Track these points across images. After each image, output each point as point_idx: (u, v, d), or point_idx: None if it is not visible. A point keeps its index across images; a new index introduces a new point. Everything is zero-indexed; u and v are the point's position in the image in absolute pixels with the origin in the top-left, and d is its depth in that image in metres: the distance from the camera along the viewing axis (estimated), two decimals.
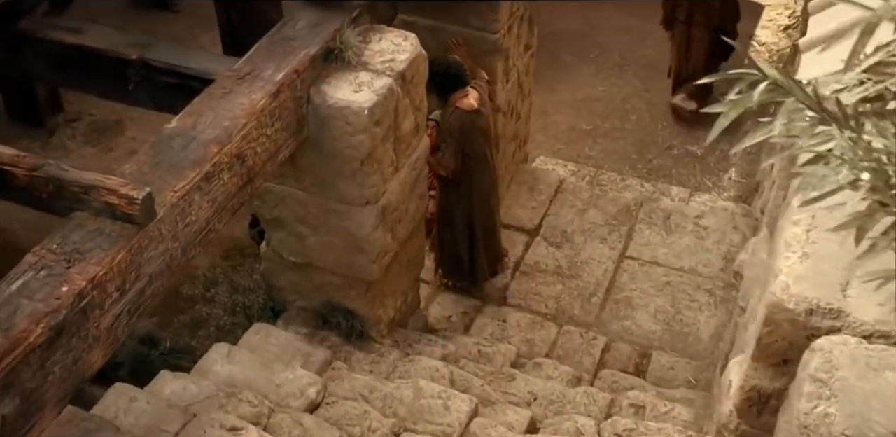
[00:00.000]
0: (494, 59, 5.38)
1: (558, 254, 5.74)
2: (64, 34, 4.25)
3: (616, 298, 5.46)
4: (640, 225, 5.93)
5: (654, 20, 9.11)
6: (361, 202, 4.11)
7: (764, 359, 2.15)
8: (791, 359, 2.07)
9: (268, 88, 3.63)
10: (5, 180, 3.09)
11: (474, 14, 5.20)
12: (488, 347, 4.93)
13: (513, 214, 6.02)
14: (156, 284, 3.14)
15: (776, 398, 2.17)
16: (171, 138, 3.37)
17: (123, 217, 2.97)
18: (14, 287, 2.78)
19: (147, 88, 4.22)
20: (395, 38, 4.17)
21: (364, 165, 3.98)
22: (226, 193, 3.42)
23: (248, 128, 3.47)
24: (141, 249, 3.00)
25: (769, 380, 2.17)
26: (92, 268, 2.84)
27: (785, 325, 2.02)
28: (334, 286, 4.48)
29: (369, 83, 3.91)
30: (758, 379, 2.17)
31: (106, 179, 3.00)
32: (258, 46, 3.89)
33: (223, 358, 3.93)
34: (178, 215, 3.16)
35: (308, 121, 3.92)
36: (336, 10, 4.08)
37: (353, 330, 4.50)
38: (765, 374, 2.17)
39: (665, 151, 7.48)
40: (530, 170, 6.42)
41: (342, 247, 4.26)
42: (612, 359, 5.06)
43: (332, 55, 3.95)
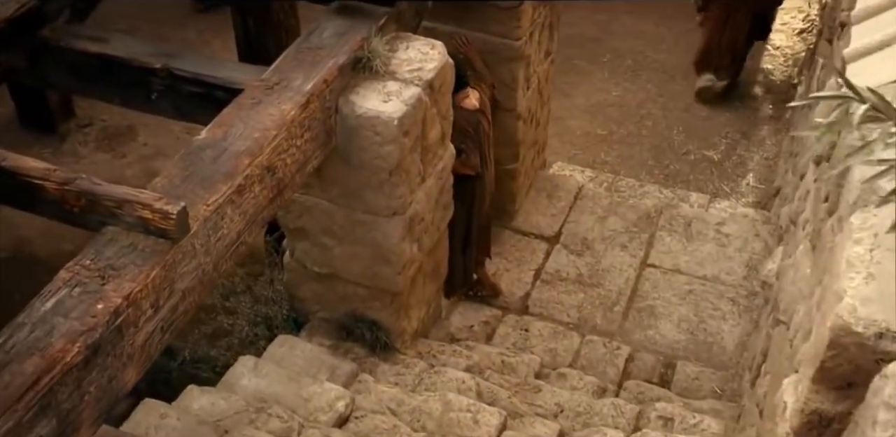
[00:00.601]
0: (516, 66, 5.33)
1: (579, 262, 5.68)
2: (86, 43, 4.20)
3: (639, 307, 5.40)
4: (661, 232, 5.88)
5: (666, 25, 9.10)
6: (388, 213, 4.06)
7: (826, 382, 2.11)
8: (856, 383, 2.02)
9: (297, 98, 3.58)
10: (36, 194, 3.04)
11: (496, 21, 5.15)
12: (512, 357, 4.88)
13: (532, 222, 5.97)
14: (188, 299, 3.09)
15: (838, 422, 2.12)
16: (202, 150, 3.32)
17: (157, 232, 2.92)
18: (49, 305, 2.73)
19: (170, 97, 4.16)
20: (422, 47, 4.12)
21: (392, 176, 3.93)
22: (256, 206, 3.37)
23: (278, 139, 3.42)
24: (174, 264, 2.96)
25: (831, 403, 2.12)
26: (127, 285, 2.79)
27: (851, 348, 1.97)
28: (359, 297, 4.43)
29: (398, 93, 3.86)
30: (819, 402, 2.12)
31: (140, 193, 2.95)
32: (285, 56, 3.84)
33: (250, 371, 3.88)
34: (211, 229, 3.12)
35: (336, 131, 3.87)
36: (362, 18, 4.04)
37: (378, 342, 4.45)
38: (826, 397, 2.12)
39: (682, 157, 7.44)
40: (549, 176, 6.37)
41: (368, 258, 4.22)
42: (637, 369, 5.01)
43: (360, 64, 3.91)
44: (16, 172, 3.04)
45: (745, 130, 7.72)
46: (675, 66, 8.54)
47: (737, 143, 7.60)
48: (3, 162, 3.06)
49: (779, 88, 8.22)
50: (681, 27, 9.02)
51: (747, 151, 7.50)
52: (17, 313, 6.41)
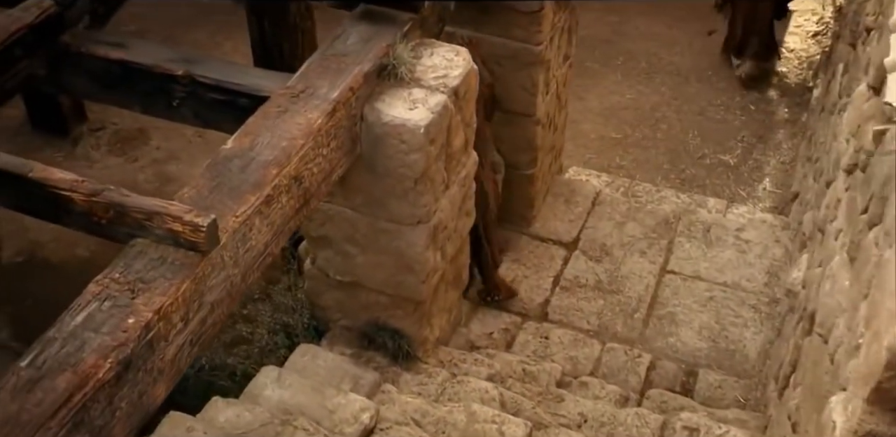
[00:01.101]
0: (536, 70, 5.29)
1: (598, 268, 5.64)
2: (107, 49, 4.15)
3: (659, 314, 5.36)
4: (680, 238, 5.83)
5: (679, 27, 9.06)
6: (413, 221, 4.02)
7: (882, 403, 2.06)
8: None
9: (323, 106, 3.54)
10: (63, 206, 3.00)
11: (517, 25, 5.11)
12: (533, 365, 4.84)
13: (550, 227, 5.93)
14: (217, 312, 3.05)
15: None
16: (229, 160, 3.28)
17: (187, 245, 2.88)
18: (79, 319, 2.69)
19: (192, 104, 4.12)
20: (447, 53, 4.08)
21: (417, 185, 3.89)
22: (283, 216, 3.33)
23: (305, 148, 3.38)
24: (204, 277, 2.92)
25: (887, 425, 2.08)
26: (157, 299, 2.75)
27: None
28: (381, 306, 4.39)
29: (423, 100, 3.82)
30: (874, 424, 2.08)
31: (169, 205, 2.91)
32: (310, 63, 3.80)
33: (273, 382, 3.84)
34: (239, 241, 3.08)
35: (361, 139, 3.83)
36: (387, 24, 4.00)
37: (400, 351, 4.41)
38: (882, 419, 2.08)
39: (697, 161, 7.40)
40: (566, 181, 6.33)
41: (391, 266, 4.17)
42: (658, 377, 4.97)
43: (385, 71, 3.86)
44: (43, 184, 3.00)
45: (761, 133, 7.68)
46: (690, 68, 8.50)
47: (753, 147, 7.55)
48: (30, 173, 3.02)
49: (794, 91, 8.17)
50: (694, 29, 8.98)
51: (763, 155, 7.45)
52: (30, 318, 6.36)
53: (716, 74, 8.41)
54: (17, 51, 3.97)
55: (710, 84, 8.30)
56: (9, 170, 3.05)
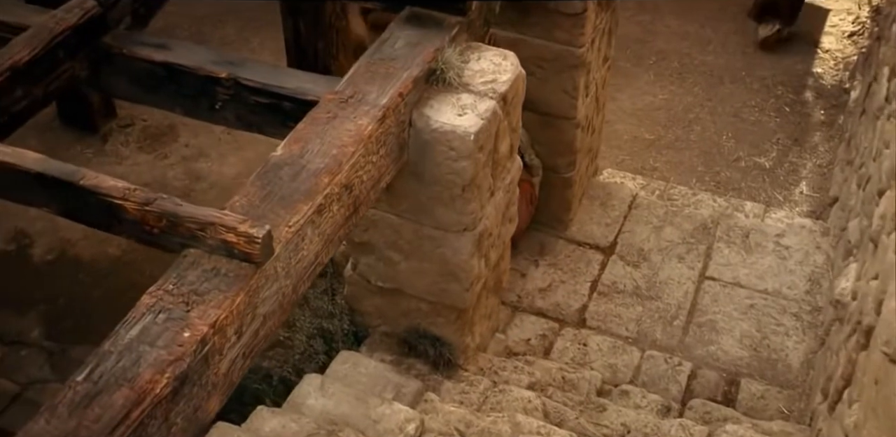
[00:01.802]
0: (577, 73, 5.21)
1: (636, 274, 5.57)
2: (150, 51, 4.10)
3: (699, 321, 5.29)
4: (719, 244, 5.75)
5: (712, 26, 8.95)
6: (459, 229, 3.96)
7: None
8: None
9: (373, 112, 3.48)
10: (115, 215, 2.95)
11: (559, 27, 5.03)
12: (572, 373, 4.78)
13: (586, 231, 5.86)
14: (269, 323, 3.00)
15: None
16: (279, 168, 3.22)
17: (241, 256, 2.82)
18: (134, 332, 2.64)
19: (235, 107, 4.07)
20: (495, 58, 4.01)
21: (465, 192, 3.82)
22: (334, 225, 3.27)
23: (356, 156, 3.32)
24: (258, 289, 2.86)
25: None
26: (212, 311, 2.70)
27: None
28: (422, 313, 4.33)
29: (472, 106, 3.75)
30: None
31: (223, 215, 2.85)
32: (358, 67, 3.73)
33: (316, 390, 3.80)
34: (292, 251, 3.02)
35: (409, 145, 3.77)
36: (434, 27, 3.93)
37: (441, 358, 4.36)
38: None
39: (732, 164, 7.31)
40: (601, 184, 6.25)
41: (435, 274, 4.12)
42: (700, 387, 4.90)
43: (434, 76, 3.80)
44: (94, 192, 2.95)
45: (797, 136, 7.58)
46: (723, 68, 8.39)
47: (788, 149, 7.45)
48: (81, 181, 2.97)
49: (830, 92, 8.06)
50: (727, 28, 8.88)
51: (799, 158, 7.35)
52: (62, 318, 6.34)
53: (749, 75, 8.31)
54: (60, 52, 3.93)
55: (744, 85, 8.20)
56: (59, 177, 3.00)
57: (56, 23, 3.91)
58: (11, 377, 5.89)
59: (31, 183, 3.06)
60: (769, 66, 8.38)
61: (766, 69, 8.36)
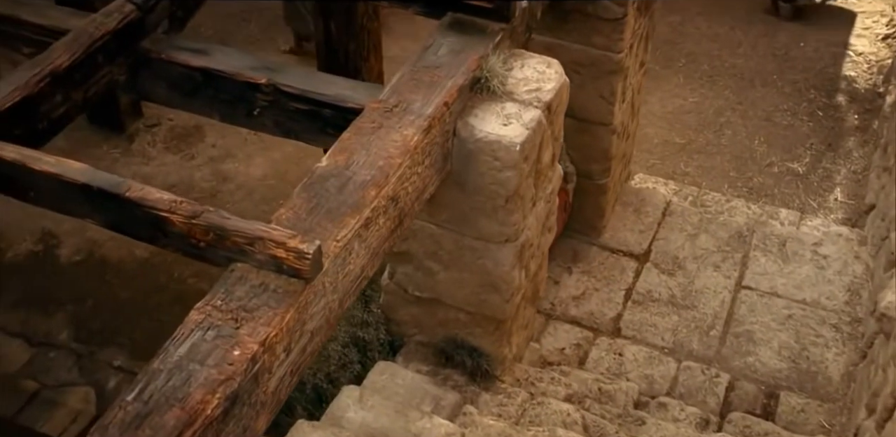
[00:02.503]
0: (615, 79, 5.14)
1: (671, 282, 5.50)
2: (188, 56, 4.05)
3: (736, 331, 5.21)
4: (755, 252, 5.67)
5: (742, 28, 8.85)
6: (500, 240, 3.90)
7: None
8: None
9: (419, 122, 3.41)
10: (161, 227, 2.90)
11: (598, 32, 4.96)
12: (609, 384, 4.71)
13: (620, 238, 5.79)
14: (316, 339, 2.95)
15: None
16: (325, 179, 3.16)
17: (290, 271, 2.77)
18: (183, 350, 2.59)
19: (273, 113, 4.01)
20: (538, 65, 3.94)
21: (508, 203, 3.76)
22: (380, 238, 3.22)
23: (402, 167, 3.26)
24: (307, 305, 2.81)
25: None
26: (262, 329, 2.65)
27: None
28: (460, 323, 4.27)
29: (517, 115, 3.69)
30: None
31: (272, 229, 2.79)
32: (402, 75, 3.67)
33: (355, 403, 3.74)
34: (339, 266, 2.97)
35: (452, 154, 3.70)
36: (477, 34, 3.86)
37: (479, 369, 4.30)
38: None
39: (765, 169, 7.21)
40: (635, 190, 6.17)
41: (475, 285, 4.05)
42: (738, 399, 4.82)
43: (478, 85, 3.73)
44: (140, 204, 2.90)
45: (830, 141, 7.48)
46: (754, 71, 8.30)
47: (822, 155, 7.35)
48: (126, 192, 2.92)
49: (863, 96, 7.95)
50: (757, 30, 8.78)
51: (833, 163, 7.25)
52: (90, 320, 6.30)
53: (780, 78, 8.21)
54: (99, 57, 3.89)
55: (776, 88, 8.10)
56: (104, 188, 2.95)
57: (96, 27, 3.87)
58: (40, 379, 5.86)
59: (75, 194, 3.01)
60: (800, 69, 8.28)
61: (797, 72, 8.26)
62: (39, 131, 3.69)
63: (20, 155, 3.07)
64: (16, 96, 3.52)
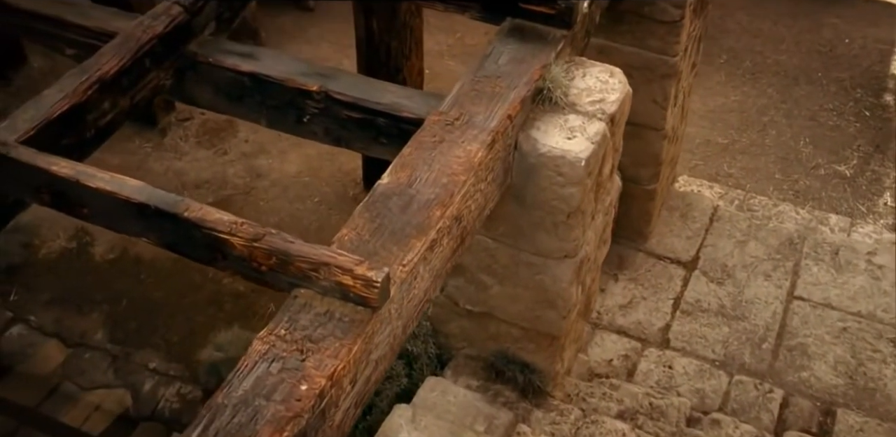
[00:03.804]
0: (669, 83, 4.99)
1: (720, 291, 5.35)
2: (237, 60, 3.92)
3: (789, 344, 5.07)
4: (807, 261, 5.52)
5: (785, 23, 8.64)
6: (559, 256, 3.76)
7: None
8: None
9: (482, 137, 3.27)
10: (221, 249, 2.78)
11: (654, 36, 4.80)
12: (659, 399, 4.58)
13: (667, 244, 5.64)
14: (380, 368, 2.83)
15: None
16: (388, 198, 3.03)
17: (356, 299, 2.65)
18: (248, 384, 2.47)
19: (324, 121, 3.88)
20: (601, 74, 3.79)
21: (570, 218, 3.62)
22: (443, 259, 3.09)
23: (467, 185, 3.13)
24: (373, 334, 2.69)
25: None
26: (329, 361, 2.53)
27: None
28: (512, 338, 4.15)
29: (581, 129, 3.54)
30: None
31: (338, 254, 2.67)
32: (462, 85, 3.52)
33: (408, 423, 3.63)
34: (405, 291, 2.84)
35: (512, 168, 3.57)
36: (539, 42, 3.71)
37: (530, 385, 4.18)
38: None
39: (811, 171, 7.04)
40: (681, 194, 6.02)
41: (530, 300, 3.93)
42: (793, 416, 4.69)
43: (540, 96, 3.59)
44: (199, 225, 2.78)
45: (879, 142, 7.29)
46: (798, 68, 8.10)
47: (870, 157, 7.16)
48: (184, 213, 2.80)
49: None
50: (800, 26, 8.57)
51: (882, 166, 7.07)
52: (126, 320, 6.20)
53: (825, 76, 8.02)
54: (146, 62, 3.76)
55: (821, 86, 7.91)
56: (161, 208, 2.84)
57: (143, 31, 3.75)
58: (75, 380, 5.79)
59: (130, 212, 2.91)
60: (846, 67, 8.08)
61: (842, 70, 8.06)
62: (87, 140, 3.58)
63: (74, 171, 2.96)
64: (64, 105, 3.40)
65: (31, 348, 6.00)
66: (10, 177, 3.08)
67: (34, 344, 6.05)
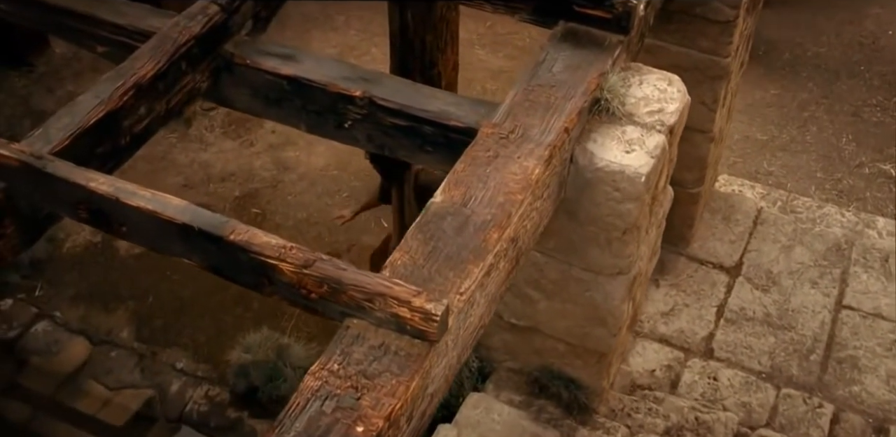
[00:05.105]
0: (719, 84, 4.79)
1: (765, 299, 5.18)
2: (276, 62, 3.75)
3: (839, 356, 4.90)
4: (855, 268, 5.33)
5: (825, 14, 8.38)
6: (612, 272, 3.60)
7: None
8: None
9: (539, 152, 3.10)
10: (269, 275, 2.64)
11: (705, 36, 4.60)
12: (705, 413, 4.44)
13: (709, 248, 5.47)
14: (434, 401, 2.69)
15: None
16: (441, 218, 2.87)
17: (413, 332, 2.50)
18: (300, 425, 2.34)
19: (366, 127, 3.72)
20: (659, 82, 3.60)
21: (625, 235, 3.46)
22: (498, 284, 2.93)
23: (524, 205, 2.96)
24: (430, 368, 2.54)
25: None
26: (386, 400, 2.39)
27: None
28: (557, 353, 4.01)
29: (640, 142, 3.37)
30: None
31: (394, 284, 2.52)
32: (515, 95, 3.35)
33: None
34: (462, 321, 2.69)
35: (567, 182, 3.40)
36: (594, 48, 3.52)
37: (576, 402, 4.04)
38: None
39: (854, 170, 6.84)
40: (723, 195, 5.84)
41: (579, 317, 3.78)
42: (844, 433, 4.54)
43: (597, 106, 3.41)
44: (246, 249, 2.63)
45: None
46: (839, 61, 7.87)
47: None
48: (231, 235, 2.66)
49: None
50: (841, 17, 8.32)
51: None
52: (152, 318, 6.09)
53: (868, 70, 7.78)
54: (183, 64, 3.60)
55: (864, 80, 7.68)
56: (206, 230, 2.69)
57: (179, 32, 3.58)
58: (101, 379, 5.70)
59: (172, 233, 2.76)
60: (890, 60, 7.84)
61: (885, 63, 7.82)
62: (122, 148, 3.42)
63: (113, 188, 2.81)
64: (100, 112, 3.25)
65: (56, 345, 5.91)
66: (45, 191, 2.93)
67: (59, 341, 5.96)
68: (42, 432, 5.62)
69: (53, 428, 5.64)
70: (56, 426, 5.44)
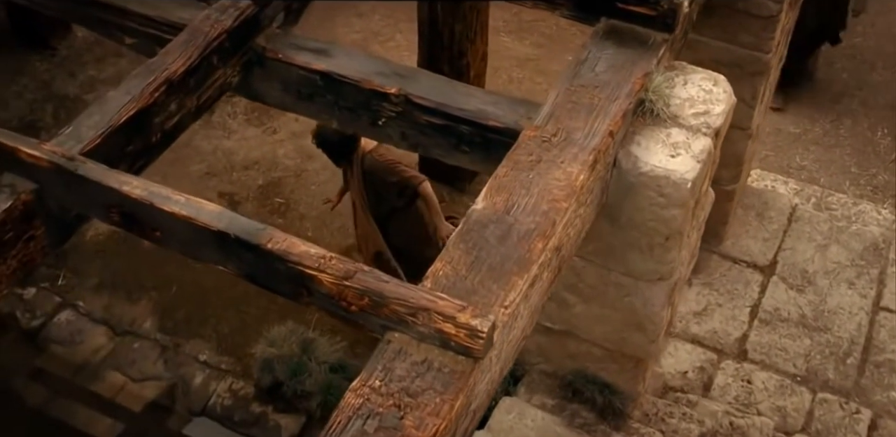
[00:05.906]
0: (759, 80, 4.66)
1: (801, 300, 5.08)
2: (309, 57, 3.64)
3: (876, 360, 4.80)
4: (894, 268, 5.22)
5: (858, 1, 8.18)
6: (653, 278, 3.51)
7: None
8: None
9: (583, 156, 2.99)
10: (308, 286, 2.55)
11: (747, 31, 4.47)
12: (740, 418, 4.36)
13: (742, 246, 5.36)
14: (476, 417, 2.61)
15: None
16: (484, 226, 2.77)
17: (458, 348, 2.41)
18: None
19: (400, 125, 3.61)
20: (704, 83, 3.48)
21: (668, 241, 3.36)
22: (541, 294, 2.84)
23: (568, 213, 2.86)
24: (474, 385, 2.46)
25: None
26: (430, 420, 2.30)
27: None
28: (593, 357, 3.92)
29: (686, 145, 3.26)
30: None
31: (438, 298, 2.43)
32: (557, 95, 3.24)
33: None
34: (506, 335, 2.60)
35: (609, 186, 3.30)
36: (638, 47, 3.40)
37: (610, 407, 3.96)
38: None
39: (889, 165, 6.70)
40: (756, 191, 5.72)
41: (617, 322, 3.69)
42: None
43: (641, 108, 3.30)
44: (283, 258, 2.55)
45: None
46: (874, 51, 7.70)
47: None
48: (268, 244, 2.57)
49: None
50: (875, 8, 8.13)
51: None
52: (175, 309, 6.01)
53: None
54: (214, 59, 3.50)
55: None
56: (242, 238, 2.60)
57: (211, 26, 3.48)
58: (125, 371, 5.66)
59: (207, 239, 2.67)
60: None
61: None
62: (152, 146, 3.34)
63: (147, 192, 2.72)
64: (131, 109, 3.16)
65: (79, 336, 5.87)
66: (77, 193, 2.85)
67: (82, 331, 5.92)
68: (61, 418, 5.59)
69: (72, 414, 5.61)
70: (75, 412, 5.40)
